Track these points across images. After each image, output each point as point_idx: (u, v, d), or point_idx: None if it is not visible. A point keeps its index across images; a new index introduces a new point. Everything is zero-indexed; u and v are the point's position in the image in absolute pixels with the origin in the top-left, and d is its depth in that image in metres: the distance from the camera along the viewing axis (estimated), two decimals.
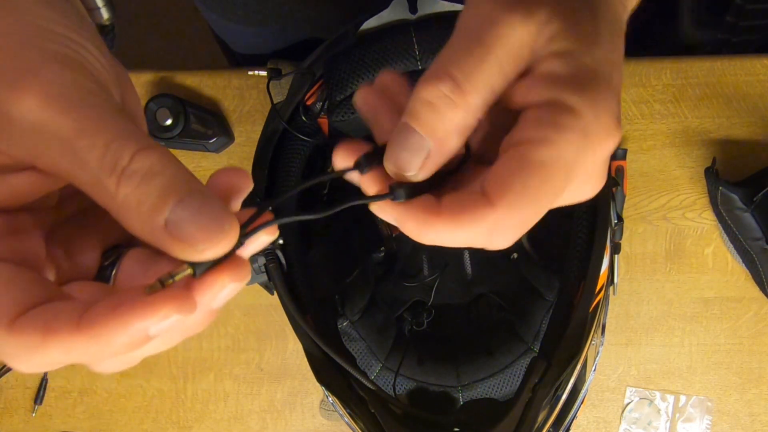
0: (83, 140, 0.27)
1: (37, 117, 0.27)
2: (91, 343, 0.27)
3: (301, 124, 0.63)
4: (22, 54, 0.28)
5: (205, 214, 0.28)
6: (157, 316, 0.27)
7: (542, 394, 0.59)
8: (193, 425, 0.98)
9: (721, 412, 0.94)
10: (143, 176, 0.27)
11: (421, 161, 0.34)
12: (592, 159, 0.34)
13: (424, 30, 0.60)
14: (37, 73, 0.28)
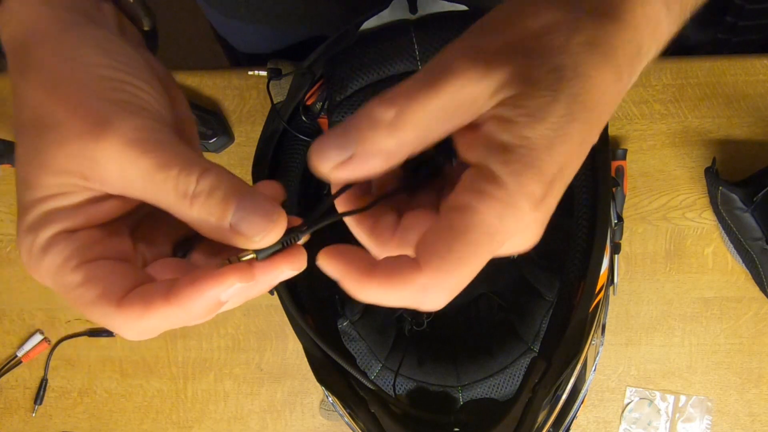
0: (159, 175, 0.35)
1: (121, 162, 0.35)
2: (179, 309, 0.35)
3: (301, 124, 0.63)
4: (94, 105, 0.35)
5: (258, 212, 0.35)
6: (225, 284, 0.35)
7: (542, 394, 0.59)
8: (193, 425, 0.98)
9: (721, 412, 0.94)
10: (207, 195, 0.35)
11: (341, 158, 0.35)
12: (515, 226, 0.34)
13: (424, 30, 0.60)
14: (112, 124, 0.35)
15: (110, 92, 0.36)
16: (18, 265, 0.97)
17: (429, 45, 0.59)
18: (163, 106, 0.39)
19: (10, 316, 0.98)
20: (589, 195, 0.64)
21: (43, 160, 0.36)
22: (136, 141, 0.35)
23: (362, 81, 0.59)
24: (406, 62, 0.59)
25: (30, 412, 0.98)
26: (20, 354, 0.97)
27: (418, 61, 0.59)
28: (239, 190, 0.36)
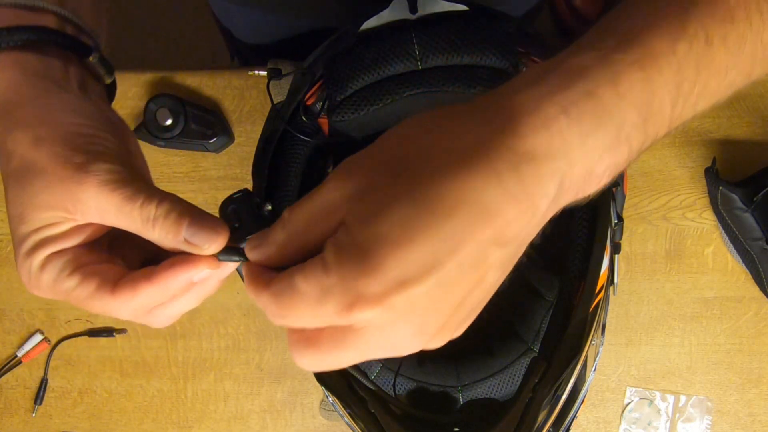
0: (127, 206, 0.43)
1: (97, 199, 0.43)
2: (160, 287, 0.44)
3: (301, 124, 0.63)
4: (72, 157, 0.44)
5: (204, 228, 0.44)
6: (197, 268, 0.44)
7: (542, 394, 0.59)
8: (193, 425, 0.98)
9: (721, 412, 0.94)
10: (164, 218, 0.44)
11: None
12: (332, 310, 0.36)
13: (424, 30, 0.60)
14: (87, 170, 0.43)
15: (82, 145, 0.45)
16: None
17: (429, 45, 0.59)
18: (121, 150, 0.47)
19: (10, 316, 0.98)
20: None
21: (34, 200, 0.44)
22: (107, 182, 0.43)
23: (362, 81, 0.59)
24: (405, 62, 0.59)
25: (30, 412, 0.98)
26: (20, 354, 0.97)
27: (418, 61, 0.59)
28: (190, 212, 0.45)
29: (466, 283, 0.36)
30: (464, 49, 0.59)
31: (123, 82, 0.95)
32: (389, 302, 0.35)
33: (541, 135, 0.35)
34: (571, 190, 0.37)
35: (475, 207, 0.34)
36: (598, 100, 0.35)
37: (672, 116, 0.37)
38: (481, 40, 0.60)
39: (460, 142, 0.35)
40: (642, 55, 0.36)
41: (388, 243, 0.34)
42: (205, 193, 0.95)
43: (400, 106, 0.60)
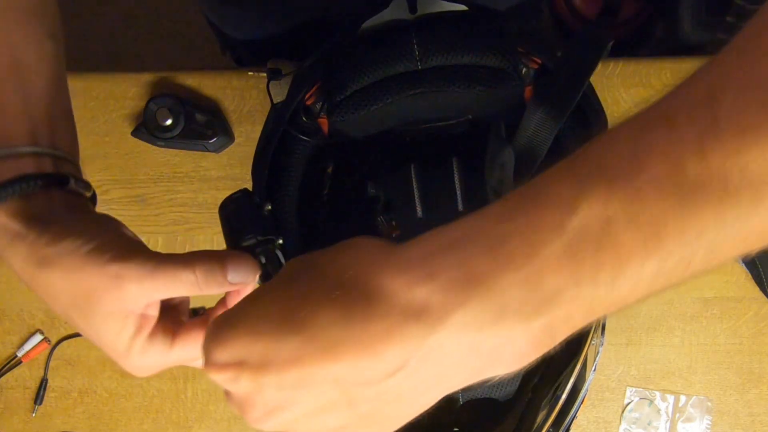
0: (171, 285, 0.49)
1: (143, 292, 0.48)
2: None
3: (301, 124, 0.63)
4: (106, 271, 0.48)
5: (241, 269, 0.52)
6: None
7: (541, 395, 0.59)
8: (193, 425, 0.98)
9: (721, 412, 0.94)
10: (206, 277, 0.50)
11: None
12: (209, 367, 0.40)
13: (423, 30, 0.60)
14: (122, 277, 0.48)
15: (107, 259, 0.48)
16: None
17: (428, 45, 0.59)
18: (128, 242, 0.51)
19: (10, 316, 0.97)
20: None
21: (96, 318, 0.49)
22: (142, 276, 0.48)
23: (362, 81, 0.59)
24: (405, 62, 0.59)
25: (30, 412, 0.98)
26: (20, 354, 0.97)
27: (418, 61, 0.59)
28: (220, 260, 0.51)
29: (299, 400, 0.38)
30: (464, 49, 0.59)
31: (123, 82, 0.95)
32: (227, 375, 0.38)
33: (399, 295, 0.35)
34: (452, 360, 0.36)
35: (321, 334, 0.36)
36: (469, 269, 0.35)
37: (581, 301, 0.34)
38: (481, 41, 0.60)
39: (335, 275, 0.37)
40: (525, 226, 0.34)
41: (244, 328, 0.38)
42: (205, 193, 0.95)
43: (400, 106, 0.60)
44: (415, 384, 0.36)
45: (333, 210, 0.69)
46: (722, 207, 0.33)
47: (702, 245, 0.34)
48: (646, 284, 0.35)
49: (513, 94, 0.61)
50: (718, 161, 0.32)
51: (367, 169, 0.68)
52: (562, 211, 0.34)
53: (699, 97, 0.33)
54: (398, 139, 0.67)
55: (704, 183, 0.32)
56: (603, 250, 0.34)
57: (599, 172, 0.34)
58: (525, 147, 0.59)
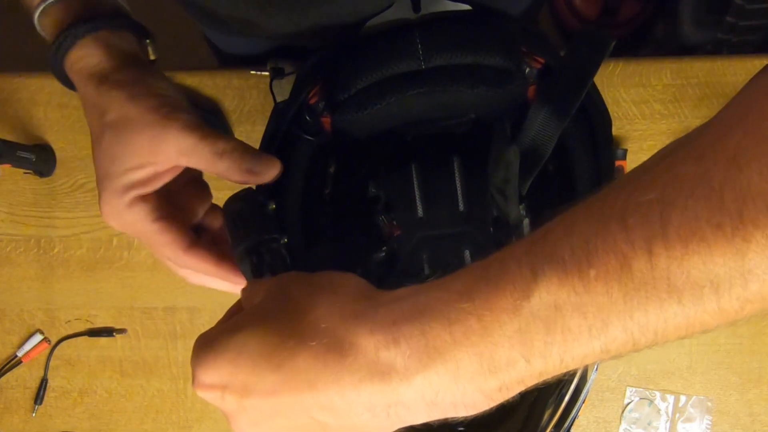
0: (200, 144, 0.54)
1: (177, 139, 0.54)
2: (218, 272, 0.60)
3: (304, 123, 0.63)
4: (159, 109, 0.55)
5: (262, 158, 0.56)
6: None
7: (547, 393, 0.59)
8: (193, 425, 0.98)
9: (721, 412, 0.94)
10: (231, 151, 0.55)
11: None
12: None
13: (427, 29, 0.60)
14: (170, 119, 0.55)
15: (166, 101, 0.56)
16: (18, 265, 0.97)
17: (432, 44, 0.59)
18: (190, 106, 0.58)
19: (10, 316, 0.97)
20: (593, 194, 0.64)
21: (127, 143, 0.55)
22: (185, 126, 0.54)
23: (365, 80, 0.59)
24: (409, 61, 0.59)
25: (30, 412, 0.98)
26: (20, 354, 0.97)
27: (421, 60, 0.58)
28: (248, 148, 0.56)
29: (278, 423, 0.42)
30: (468, 49, 0.59)
31: None
32: (213, 395, 0.42)
33: (368, 354, 0.39)
34: (414, 410, 0.40)
35: (296, 376, 0.40)
36: (429, 341, 0.38)
37: (532, 371, 0.38)
38: (485, 40, 0.59)
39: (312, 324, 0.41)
40: (481, 308, 0.38)
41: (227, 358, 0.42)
42: None
43: (403, 106, 0.60)
44: (380, 422, 0.41)
45: (335, 209, 0.69)
46: (665, 305, 0.35)
47: (645, 333, 0.37)
48: (593, 358, 0.38)
49: (516, 93, 0.61)
50: (664, 264, 0.35)
51: (368, 169, 0.68)
52: (516, 296, 0.37)
53: (652, 199, 0.36)
54: (400, 138, 0.67)
55: (649, 282, 0.35)
56: (552, 333, 0.37)
57: (554, 263, 0.37)
58: (529, 146, 0.59)
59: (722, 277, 0.34)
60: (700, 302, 0.35)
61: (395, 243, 0.65)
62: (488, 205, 0.63)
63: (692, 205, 0.34)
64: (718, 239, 0.33)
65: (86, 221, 0.96)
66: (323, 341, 0.40)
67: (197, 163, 0.56)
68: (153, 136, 0.54)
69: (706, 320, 0.36)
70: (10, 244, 0.97)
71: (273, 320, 0.42)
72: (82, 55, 0.57)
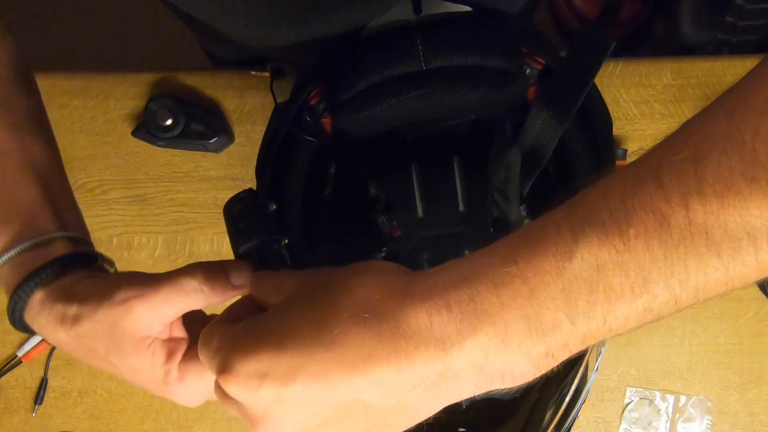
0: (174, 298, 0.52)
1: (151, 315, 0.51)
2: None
3: (304, 123, 0.63)
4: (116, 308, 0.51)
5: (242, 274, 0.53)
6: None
7: (548, 394, 0.59)
8: (193, 425, 0.98)
9: (721, 412, 0.94)
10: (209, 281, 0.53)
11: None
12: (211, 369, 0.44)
13: (428, 31, 0.60)
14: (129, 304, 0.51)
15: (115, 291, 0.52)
16: None
17: (433, 45, 0.59)
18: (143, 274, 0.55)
19: None
20: None
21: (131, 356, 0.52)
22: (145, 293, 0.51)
23: (366, 81, 0.59)
24: (410, 63, 0.59)
25: (30, 412, 0.98)
26: (20, 354, 0.97)
27: (422, 61, 0.58)
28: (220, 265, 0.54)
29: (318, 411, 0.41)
30: (468, 50, 0.59)
31: (123, 82, 0.95)
32: (249, 385, 0.41)
33: (421, 321, 0.39)
34: (463, 379, 0.40)
35: (351, 351, 0.39)
36: (477, 305, 0.39)
37: (577, 332, 0.39)
38: (486, 42, 0.59)
39: (363, 298, 0.41)
40: (526, 270, 0.38)
41: (271, 342, 0.41)
42: (205, 193, 0.95)
43: (404, 107, 0.59)
44: (428, 398, 0.41)
45: (335, 210, 0.69)
46: (704, 259, 0.36)
47: (686, 289, 0.37)
48: (635, 319, 0.38)
49: (517, 94, 0.61)
50: (701, 219, 0.35)
51: (368, 169, 0.68)
52: (559, 258, 0.38)
53: (685, 156, 0.36)
54: (400, 139, 0.67)
55: (688, 237, 0.36)
56: (595, 292, 0.38)
57: (593, 224, 0.38)
58: (530, 147, 0.59)
59: (759, 229, 0.35)
60: (738, 255, 0.36)
61: (395, 243, 0.65)
62: (488, 206, 0.63)
63: (725, 160, 0.35)
64: (753, 192, 0.34)
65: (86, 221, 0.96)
66: (377, 312, 0.40)
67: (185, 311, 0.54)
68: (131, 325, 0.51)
69: (746, 273, 0.37)
70: None
71: (318, 300, 0.42)
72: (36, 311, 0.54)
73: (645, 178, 0.37)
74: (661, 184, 0.36)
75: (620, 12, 1.56)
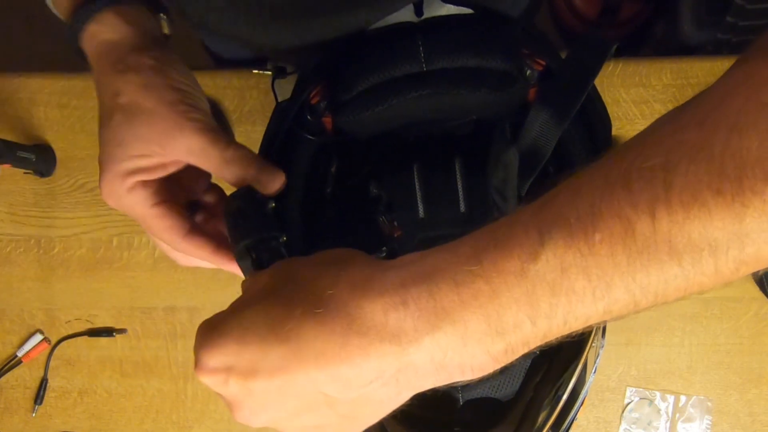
0: (210, 148, 0.56)
1: (191, 140, 0.55)
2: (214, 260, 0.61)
3: (305, 122, 0.63)
4: (178, 105, 0.56)
5: (267, 171, 0.58)
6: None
7: (543, 394, 0.59)
8: (193, 425, 0.98)
9: (721, 412, 0.94)
10: (240, 159, 0.56)
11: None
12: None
13: (429, 32, 0.60)
14: (188, 117, 0.55)
15: (183, 98, 0.56)
16: (18, 265, 0.97)
17: (434, 47, 0.59)
18: (206, 106, 0.59)
19: (10, 316, 0.97)
20: None
21: (137, 131, 0.55)
22: (200, 128, 0.55)
23: (367, 82, 0.59)
24: (411, 64, 0.59)
25: (30, 412, 0.98)
26: (20, 354, 0.97)
27: (423, 62, 0.58)
28: (256, 157, 0.58)
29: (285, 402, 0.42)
30: (469, 52, 0.59)
31: None
32: (216, 379, 0.42)
33: (376, 317, 0.39)
34: (423, 373, 0.40)
35: (304, 346, 0.40)
36: (437, 302, 0.39)
37: (537, 332, 0.39)
38: (487, 43, 0.59)
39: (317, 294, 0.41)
40: (490, 270, 0.39)
41: (233, 336, 0.41)
42: None
43: (404, 107, 0.60)
44: (389, 390, 0.41)
45: (336, 209, 0.69)
46: (665, 267, 0.37)
47: (647, 294, 0.38)
48: (595, 319, 0.39)
49: (518, 95, 0.61)
50: (666, 228, 0.36)
51: (369, 169, 0.68)
52: (524, 259, 0.38)
53: (655, 164, 0.37)
54: (401, 139, 0.67)
55: (651, 245, 0.36)
56: (557, 295, 0.38)
57: (560, 227, 0.38)
58: (529, 148, 0.59)
59: (720, 241, 0.35)
60: (699, 264, 0.36)
61: (396, 243, 0.65)
62: (489, 207, 0.63)
63: (694, 171, 0.35)
64: (718, 204, 0.35)
65: (86, 221, 0.96)
66: (330, 307, 0.40)
67: (204, 165, 0.57)
68: (165, 130, 0.55)
69: (704, 282, 0.37)
70: (10, 244, 0.97)
71: (278, 295, 0.42)
72: (100, 29, 0.57)
73: (614, 183, 0.37)
74: (630, 190, 0.37)
75: (620, 12, 1.56)
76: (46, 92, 0.96)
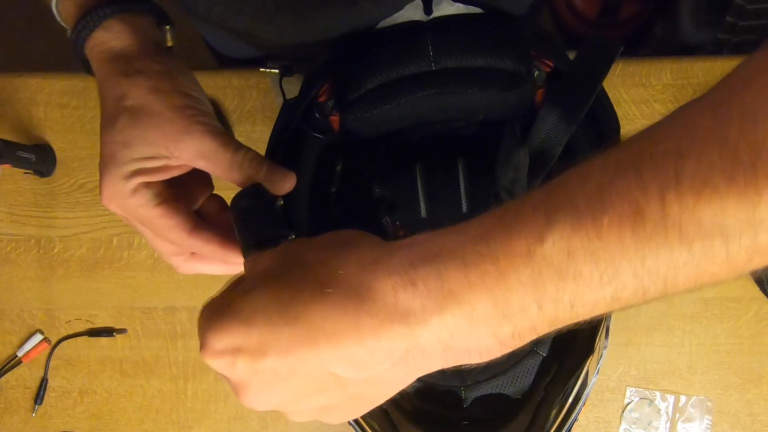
0: (220, 152, 0.56)
1: (200, 143, 0.56)
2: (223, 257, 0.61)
3: (313, 121, 0.63)
4: (186, 110, 0.56)
5: (277, 173, 0.58)
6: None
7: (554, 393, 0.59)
8: (193, 425, 0.98)
9: (721, 412, 0.94)
10: (249, 163, 0.57)
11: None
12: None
13: (438, 31, 0.60)
14: (196, 121, 0.56)
15: (191, 103, 0.57)
16: (18, 265, 0.97)
17: (443, 46, 0.59)
18: (212, 110, 0.59)
19: (10, 316, 0.97)
20: None
21: (144, 134, 0.55)
22: (208, 132, 0.56)
23: (376, 80, 0.59)
24: (419, 63, 0.59)
25: (30, 412, 0.98)
26: (20, 354, 0.97)
27: (432, 62, 0.58)
28: (264, 160, 0.58)
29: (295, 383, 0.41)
30: (478, 52, 0.59)
31: None
32: (224, 361, 0.41)
33: (387, 297, 0.39)
34: (430, 354, 0.40)
35: (315, 327, 0.39)
36: (444, 283, 0.39)
37: (544, 317, 0.39)
38: (496, 43, 0.59)
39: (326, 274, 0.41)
40: (497, 251, 0.38)
41: (240, 318, 0.41)
42: None
43: (412, 107, 0.60)
44: (399, 371, 0.41)
45: (341, 208, 0.69)
46: (675, 253, 0.36)
47: (655, 281, 0.37)
48: (603, 306, 0.39)
49: (525, 96, 0.61)
50: (676, 213, 0.35)
51: (374, 169, 0.68)
52: (531, 241, 0.38)
53: (667, 149, 0.36)
54: (406, 139, 0.67)
55: (661, 231, 0.36)
56: (564, 278, 0.38)
57: (568, 209, 0.37)
58: (538, 148, 0.59)
59: (732, 228, 0.35)
60: (710, 252, 0.36)
61: None
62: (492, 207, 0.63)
63: (706, 157, 0.35)
64: (731, 191, 0.34)
65: (86, 221, 0.96)
66: (340, 287, 0.40)
67: (213, 168, 0.57)
68: (173, 134, 0.55)
69: (715, 270, 0.37)
70: (10, 244, 0.97)
71: (286, 276, 0.42)
72: (107, 36, 0.58)
73: (626, 167, 0.37)
74: (640, 174, 0.36)
75: (620, 12, 1.56)
76: (46, 92, 0.95)
